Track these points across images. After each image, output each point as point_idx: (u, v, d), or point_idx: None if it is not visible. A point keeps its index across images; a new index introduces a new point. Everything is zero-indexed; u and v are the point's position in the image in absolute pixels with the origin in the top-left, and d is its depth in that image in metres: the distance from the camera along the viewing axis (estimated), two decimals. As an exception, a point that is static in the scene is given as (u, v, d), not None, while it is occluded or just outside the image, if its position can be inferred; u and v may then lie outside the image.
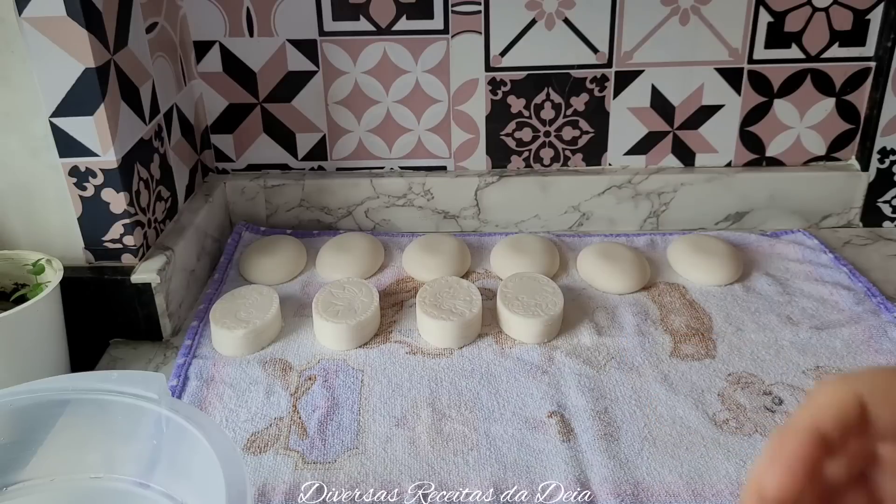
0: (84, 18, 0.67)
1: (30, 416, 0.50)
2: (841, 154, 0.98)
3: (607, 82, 0.94)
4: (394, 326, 0.79)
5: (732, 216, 0.98)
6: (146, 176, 0.79)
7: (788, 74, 0.94)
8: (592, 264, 0.87)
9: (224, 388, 0.71)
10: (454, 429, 0.66)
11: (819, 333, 0.77)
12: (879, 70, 0.92)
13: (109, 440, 0.52)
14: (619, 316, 0.80)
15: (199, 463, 0.45)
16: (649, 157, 0.98)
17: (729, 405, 0.68)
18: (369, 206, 0.98)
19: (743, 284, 0.85)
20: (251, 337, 0.75)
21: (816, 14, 0.90)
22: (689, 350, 0.75)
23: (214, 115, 0.96)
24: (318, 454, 0.64)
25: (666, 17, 0.90)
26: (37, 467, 0.51)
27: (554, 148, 0.98)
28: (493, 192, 0.97)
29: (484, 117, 0.96)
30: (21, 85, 0.69)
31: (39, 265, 0.72)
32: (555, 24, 0.91)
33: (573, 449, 0.63)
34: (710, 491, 0.59)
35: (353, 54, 0.92)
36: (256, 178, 0.98)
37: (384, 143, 0.98)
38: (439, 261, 0.87)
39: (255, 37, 0.92)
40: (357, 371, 0.73)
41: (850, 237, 0.96)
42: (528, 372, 0.72)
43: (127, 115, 0.75)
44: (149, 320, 0.78)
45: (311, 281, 0.88)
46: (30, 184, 0.74)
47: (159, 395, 0.49)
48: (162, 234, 0.83)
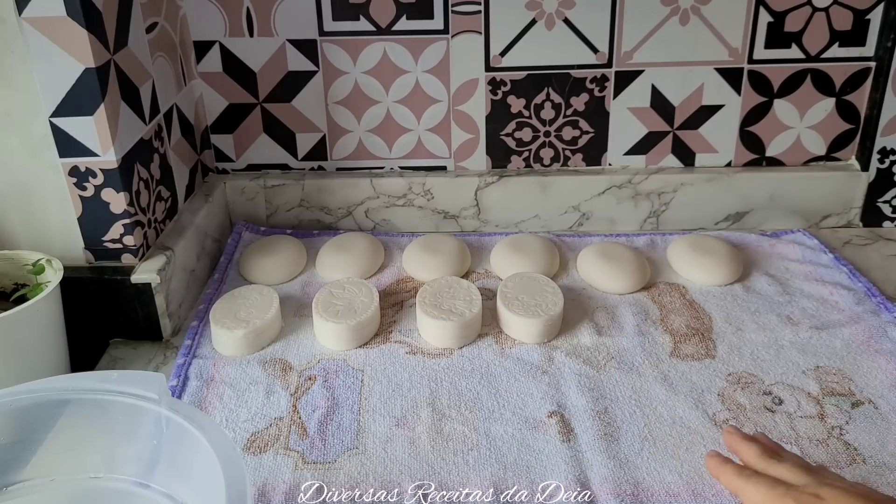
0: (84, 18, 0.67)
1: (30, 416, 0.50)
2: (841, 154, 0.98)
3: (607, 82, 0.94)
4: (394, 326, 0.79)
5: (732, 216, 0.98)
6: (146, 176, 0.79)
7: (788, 74, 0.94)
8: (592, 264, 0.87)
9: (224, 388, 0.71)
10: (454, 429, 0.66)
11: (819, 333, 0.77)
12: (879, 70, 0.92)
13: (109, 440, 0.52)
14: (619, 316, 0.80)
15: (199, 463, 0.45)
16: (649, 157, 0.98)
17: (729, 405, 0.68)
18: (369, 206, 0.98)
19: (743, 284, 0.85)
20: (251, 337, 0.75)
21: (816, 14, 0.90)
22: (689, 350, 0.75)
23: (214, 115, 0.96)
24: (318, 454, 0.64)
25: (666, 17, 0.90)
26: (37, 467, 0.51)
27: (554, 148, 0.98)
28: (493, 192, 0.97)
29: (484, 117, 0.96)
30: (21, 85, 0.69)
31: (39, 265, 0.72)
32: (555, 24, 0.91)
33: (573, 449, 0.63)
34: (710, 491, 0.59)
35: (353, 54, 0.92)
36: (256, 178, 0.98)
37: (384, 143, 0.98)
38: (439, 261, 0.87)
39: (255, 37, 0.92)
40: (357, 371, 0.73)
41: (850, 237, 0.96)
42: (528, 372, 0.72)
43: (127, 115, 0.75)
44: (149, 320, 0.78)
45: (311, 281, 0.88)
46: (30, 184, 0.74)
47: (159, 395, 0.49)
48: (162, 234, 0.83)
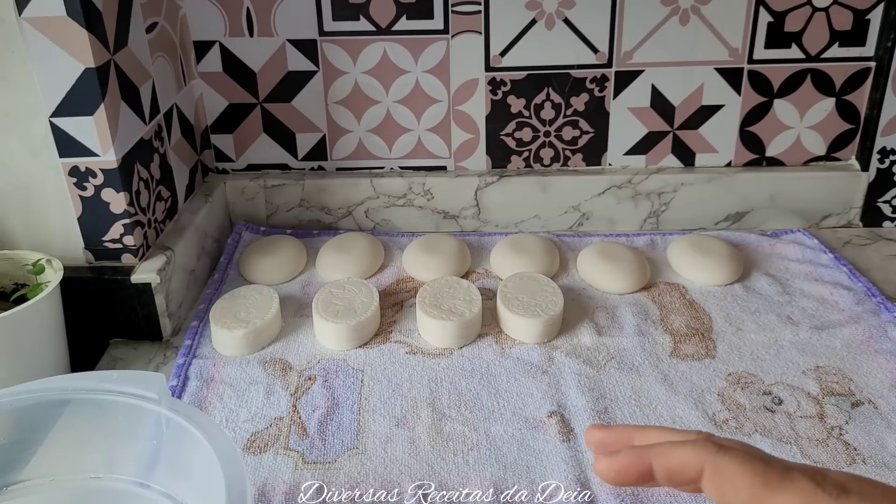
0: (84, 18, 0.67)
1: (30, 416, 0.50)
2: (841, 154, 0.98)
3: (607, 82, 0.94)
4: (394, 326, 0.79)
5: (732, 216, 0.98)
6: (146, 176, 0.79)
7: (788, 74, 0.94)
8: (592, 264, 0.87)
9: (224, 388, 0.71)
10: (454, 429, 0.66)
11: (819, 333, 0.77)
12: (879, 70, 0.92)
13: (109, 440, 0.52)
14: (619, 316, 0.80)
15: (199, 463, 0.45)
16: (649, 157, 0.98)
17: (729, 405, 0.68)
18: (369, 206, 0.98)
19: (743, 284, 0.85)
20: (251, 337, 0.75)
21: (816, 14, 0.90)
22: (689, 350, 0.75)
23: (214, 115, 0.96)
24: (318, 454, 0.64)
25: (666, 16, 0.90)
26: (37, 467, 0.51)
27: (554, 148, 0.98)
28: (493, 192, 0.97)
29: (484, 117, 0.96)
30: (21, 85, 0.69)
31: (39, 265, 0.72)
32: (555, 24, 0.91)
33: (573, 449, 0.63)
34: (710, 491, 0.59)
35: (353, 54, 0.92)
36: (256, 178, 0.98)
37: (384, 143, 0.98)
38: (439, 261, 0.87)
39: (255, 37, 0.92)
40: (357, 371, 0.73)
41: (850, 237, 0.96)
42: (528, 372, 0.72)
43: (127, 115, 0.75)
44: (149, 320, 0.78)
45: (311, 281, 0.88)
46: (30, 184, 0.74)
47: (159, 395, 0.49)
48: (162, 234, 0.83)
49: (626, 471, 0.37)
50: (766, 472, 0.33)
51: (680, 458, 0.36)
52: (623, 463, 0.38)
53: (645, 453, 0.37)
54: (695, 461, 0.35)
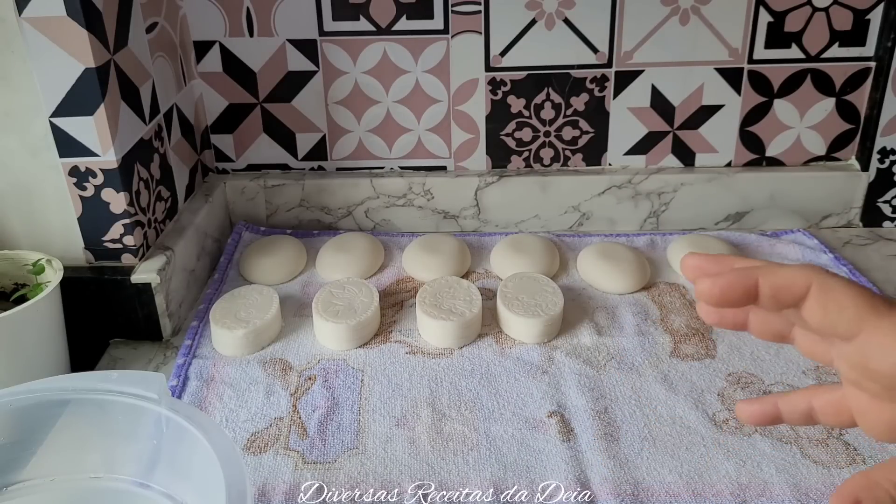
0: (84, 18, 0.67)
1: (30, 416, 0.50)
2: (841, 154, 0.98)
3: (607, 82, 0.94)
4: (394, 326, 0.79)
5: (732, 216, 0.98)
6: (146, 176, 0.79)
7: (788, 74, 0.94)
8: (592, 264, 0.87)
9: (224, 388, 0.71)
10: (454, 429, 0.66)
11: (819, 333, 0.76)
12: (879, 70, 0.92)
13: (109, 440, 0.52)
14: (619, 316, 0.80)
15: (199, 463, 0.45)
16: (649, 157, 0.98)
17: (729, 405, 0.68)
18: (369, 206, 0.98)
19: (743, 284, 0.85)
20: (251, 337, 0.75)
21: (816, 14, 0.90)
22: (689, 350, 0.75)
23: (214, 115, 0.96)
24: (318, 454, 0.64)
25: (666, 16, 0.90)
26: (37, 467, 0.51)
27: (554, 148, 0.98)
28: (493, 192, 0.97)
29: (484, 117, 0.96)
30: (21, 85, 0.69)
31: (39, 265, 0.72)
32: (555, 24, 0.91)
33: (573, 449, 0.63)
34: (710, 491, 0.59)
35: (353, 54, 0.92)
36: (256, 178, 0.98)
37: (384, 143, 0.98)
38: (439, 261, 0.87)
39: (255, 37, 0.92)
40: (357, 371, 0.73)
41: (850, 237, 0.96)
42: (528, 372, 0.72)
43: (127, 115, 0.75)
44: (149, 320, 0.78)
45: (311, 281, 0.88)
46: (30, 184, 0.74)
47: (159, 395, 0.49)
48: (162, 234, 0.83)
49: (732, 287, 0.35)
50: (873, 297, 0.33)
51: (788, 275, 0.35)
52: (729, 279, 0.35)
53: (751, 271, 0.35)
54: (803, 279, 0.34)
